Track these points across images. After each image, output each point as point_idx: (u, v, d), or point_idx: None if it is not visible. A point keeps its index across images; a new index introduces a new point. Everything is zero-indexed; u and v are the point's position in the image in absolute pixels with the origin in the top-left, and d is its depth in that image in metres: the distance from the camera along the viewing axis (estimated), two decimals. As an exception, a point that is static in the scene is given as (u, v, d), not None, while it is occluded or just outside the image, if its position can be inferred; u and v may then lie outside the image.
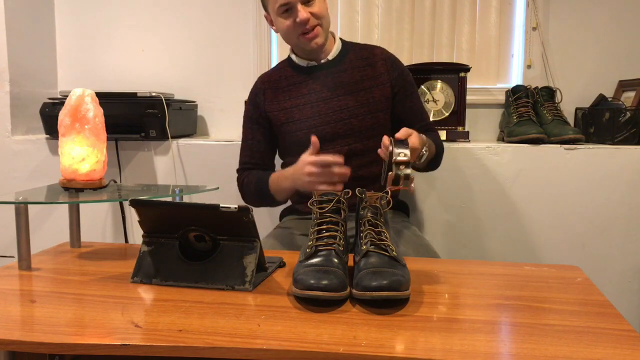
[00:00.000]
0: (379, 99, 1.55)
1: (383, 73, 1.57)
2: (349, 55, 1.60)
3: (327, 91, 1.56)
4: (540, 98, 2.03)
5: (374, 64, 1.58)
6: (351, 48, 1.62)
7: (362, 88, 1.55)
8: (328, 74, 1.57)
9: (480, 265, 1.23)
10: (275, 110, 1.59)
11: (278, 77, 1.63)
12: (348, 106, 1.54)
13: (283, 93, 1.60)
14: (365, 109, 1.54)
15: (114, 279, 1.12)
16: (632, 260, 1.86)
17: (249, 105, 1.65)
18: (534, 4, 2.11)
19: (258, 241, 1.08)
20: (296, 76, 1.60)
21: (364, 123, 1.54)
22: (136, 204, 1.07)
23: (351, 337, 0.84)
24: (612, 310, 0.95)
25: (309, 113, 1.55)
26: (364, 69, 1.57)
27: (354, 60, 1.59)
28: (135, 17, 2.32)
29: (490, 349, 0.80)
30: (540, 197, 1.88)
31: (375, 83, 1.56)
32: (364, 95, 1.55)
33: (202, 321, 0.89)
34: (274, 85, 1.62)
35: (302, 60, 1.60)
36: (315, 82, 1.57)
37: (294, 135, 1.56)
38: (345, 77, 1.56)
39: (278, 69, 1.66)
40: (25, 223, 1.19)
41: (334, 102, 1.55)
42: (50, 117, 1.99)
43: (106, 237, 2.10)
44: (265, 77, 1.66)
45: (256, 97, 1.63)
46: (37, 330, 0.86)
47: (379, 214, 1.07)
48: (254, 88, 1.66)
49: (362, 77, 1.56)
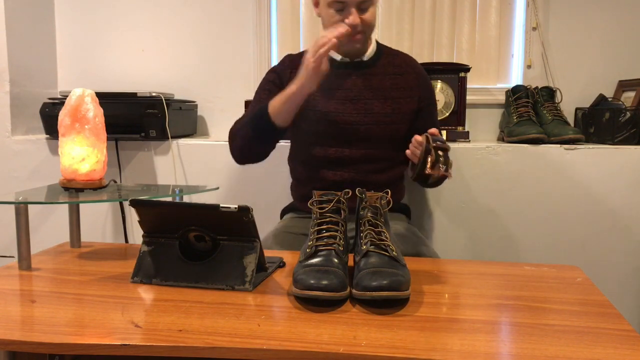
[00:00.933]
0: (405, 110, 1.54)
1: (414, 87, 1.56)
2: (382, 60, 1.58)
3: (356, 91, 1.54)
4: (540, 98, 2.03)
5: (405, 75, 1.57)
6: (384, 52, 1.60)
7: (390, 96, 1.54)
8: (359, 74, 1.55)
9: (480, 265, 1.23)
10: None
11: None
12: (373, 111, 1.52)
13: None
14: (389, 118, 1.53)
15: (114, 279, 1.12)
16: (632, 260, 1.86)
17: (273, 73, 1.61)
18: (534, 4, 2.11)
19: (258, 241, 1.08)
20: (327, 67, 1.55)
21: (384, 132, 1.53)
22: (136, 204, 1.07)
23: (351, 337, 0.84)
24: (612, 310, 0.95)
25: (332, 107, 1.53)
26: (394, 77, 1.56)
27: (387, 66, 1.57)
28: (135, 17, 2.32)
29: (490, 349, 0.80)
30: (540, 197, 1.87)
31: (404, 94, 1.55)
32: (391, 104, 1.53)
33: (202, 321, 0.89)
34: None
35: (335, 54, 1.56)
36: (345, 79, 1.55)
37: (313, 124, 1.53)
38: (376, 82, 1.55)
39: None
40: (25, 223, 1.19)
41: (360, 104, 1.53)
42: (50, 117, 1.99)
43: (106, 237, 2.10)
44: (296, 60, 1.58)
45: (284, 71, 1.59)
46: (37, 330, 0.86)
47: (379, 214, 1.07)
48: (280, 63, 1.63)
49: (391, 85, 1.55)
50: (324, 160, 1.54)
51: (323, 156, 1.54)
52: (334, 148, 1.53)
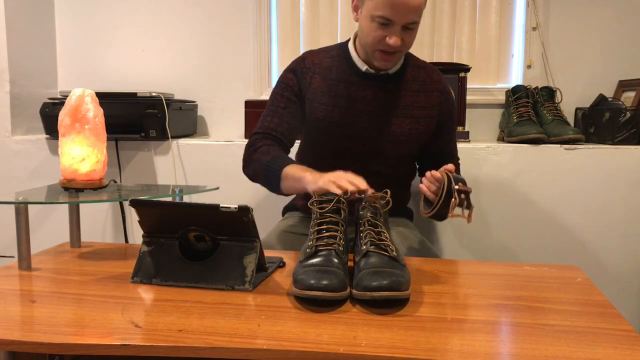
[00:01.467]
0: (422, 131, 1.48)
1: (435, 106, 1.49)
2: (407, 73, 1.49)
3: (376, 106, 1.46)
4: (540, 98, 2.03)
5: (429, 93, 1.49)
6: (411, 64, 1.52)
7: (409, 115, 1.47)
8: (382, 87, 1.47)
9: (480, 265, 1.23)
10: (316, 102, 1.47)
11: (329, 66, 1.49)
12: (389, 130, 1.46)
13: (330, 87, 1.47)
14: (405, 137, 1.47)
15: (114, 279, 1.12)
16: (632, 260, 1.86)
17: (292, 75, 1.50)
18: (534, 4, 2.11)
19: (258, 241, 1.08)
20: (349, 74, 1.47)
21: (398, 150, 1.47)
22: (136, 204, 1.07)
23: (351, 337, 0.84)
24: (612, 310, 0.95)
25: (349, 120, 1.46)
26: (417, 95, 1.48)
27: (410, 82, 1.49)
28: (135, 17, 2.32)
29: (490, 349, 0.80)
30: (540, 197, 1.87)
31: (423, 114, 1.48)
32: (409, 124, 1.47)
33: (202, 321, 0.89)
34: (325, 73, 1.48)
35: (361, 63, 1.47)
36: (366, 91, 1.46)
37: (324, 134, 1.48)
38: (397, 99, 1.47)
39: (330, 56, 1.51)
40: (25, 223, 1.19)
41: (378, 120, 1.46)
42: (50, 117, 1.99)
43: (106, 237, 2.10)
44: (317, 59, 1.50)
45: (302, 75, 1.48)
46: (37, 330, 0.86)
47: (378, 214, 1.07)
48: (301, 63, 1.50)
49: (412, 103, 1.47)
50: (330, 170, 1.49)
51: (330, 166, 1.43)
52: (343, 161, 1.42)
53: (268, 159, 1.39)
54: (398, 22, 1.33)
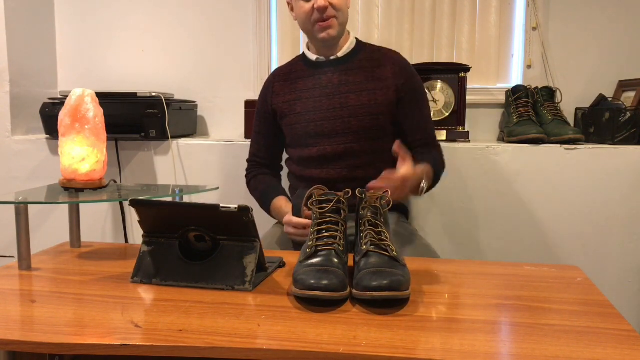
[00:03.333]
0: (381, 102, 1.54)
1: (389, 77, 1.55)
2: (360, 55, 1.59)
3: (331, 87, 1.56)
4: (540, 98, 2.03)
5: (382, 66, 1.57)
6: (364, 49, 1.62)
7: (365, 89, 1.54)
8: (335, 70, 1.58)
9: (480, 265, 1.23)
10: (280, 102, 1.62)
11: (289, 71, 1.65)
12: (349, 105, 1.54)
13: (290, 85, 1.62)
14: (365, 110, 1.53)
15: (114, 279, 1.12)
16: (632, 260, 1.86)
17: (260, 99, 1.69)
18: (534, 4, 2.11)
19: (258, 241, 1.08)
20: (305, 70, 1.62)
21: (363, 124, 1.53)
22: (136, 204, 1.07)
23: (351, 337, 0.84)
24: (612, 310, 0.95)
25: (310, 107, 1.56)
26: (371, 70, 1.56)
27: (364, 61, 1.58)
28: (135, 17, 2.32)
29: (490, 349, 0.80)
30: (540, 197, 1.88)
31: (379, 85, 1.55)
32: (366, 96, 1.54)
33: (202, 321, 0.89)
34: (284, 78, 1.64)
35: (312, 55, 1.61)
36: (321, 77, 1.58)
37: (294, 128, 1.58)
38: (351, 76, 1.56)
39: (291, 63, 1.69)
40: (25, 223, 1.19)
41: (335, 99, 1.55)
42: (50, 117, 1.99)
43: (106, 237, 2.10)
44: (278, 71, 1.69)
45: (266, 90, 1.67)
46: (37, 330, 0.86)
47: (379, 214, 1.07)
48: (266, 82, 1.69)
49: (367, 77, 1.56)
50: (310, 159, 1.57)
51: (308, 156, 1.57)
52: (317, 147, 1.55)
53: (258, 195, 1.66)
54: None
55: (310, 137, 1.56)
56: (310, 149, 1.56)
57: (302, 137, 1.57)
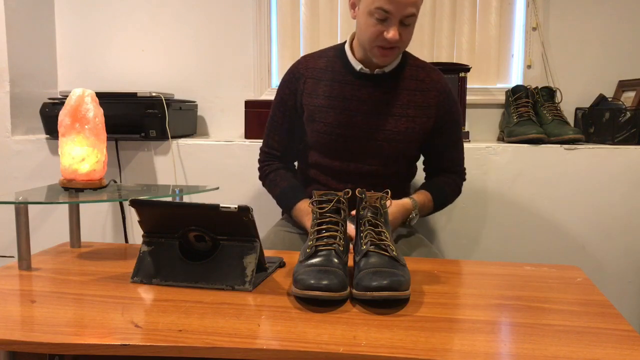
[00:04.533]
0: (418, 130, 1.46)
1: (432, 105, 1.47)
2: (405, 72, 1.48)
3: (371, 105, 1.45)
4: (540, 98, 2.03)
5: (426, 92, 1.47)
6: (409, 63, 1.51)
7: (405, 114, 1.45)
8: (377, 87, 1.46)
9: (480, 265, 1.23)
10: (311, 104, 1.49)
11: (324, 67, 1.50)
12: (385, 129, 1.45)
13: (324, 87, 1.48)
14: (401, 136, 1.45)
15: (114, 279, 1.12)
16: (632, 261, 1.86)
17: (285, 88, 1.53)
18: (534, 4, 2.11)
19: (258, 241, 1.08)
20: (344, 74, 1.48)
21: (394, 149, 1.46)
22: (136, 204, 1.07)
23: (351, 337, 0.84)
24: (612, 310, 0.95)
25: (344, 120, 1.46)
26: (414, 94, 1.46)
27: (407, 80, 1.48)
28: (135, 17, 2.32)
29: (490, 349, 0.80)
30: (540, 197, 1.88)
31: (420, 114, 1.46)
32: (405, 123, 1.45)
33: (202, 321, 0.89)
34: (318, 75, 1.49)
35: (356, 62, 1.47)
36: (361, 90, 1.46)
37: (321, 136, 1.48)
38: (392, 97, 1.46)
39: (327, 57, 1.52)
40: (25, 223, 1.19)
41: (372, 120, 1.45)
42: (50, 117, 1.99)
43: (106, 237, 2.10)
44: (311, 63, 1.52)
45: (296, 83, 1.51)
46: (37, 330, 0.86)
47: (379, 214, 1.07)
48: (294, 71, 1.53)
49: (409, 102, 1.46)
50: (329, 170, 1.50)
51: (328, 166, 1.50)
52: (340, 161, 1.48)
53: (278, 191, 1.54)
54: (396, 15, 1.33)
55: (337, 150, 1.48)
56: (333, 161, 1.48)
57: (328, 148, 1.48)
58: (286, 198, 1.52)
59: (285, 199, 1.53)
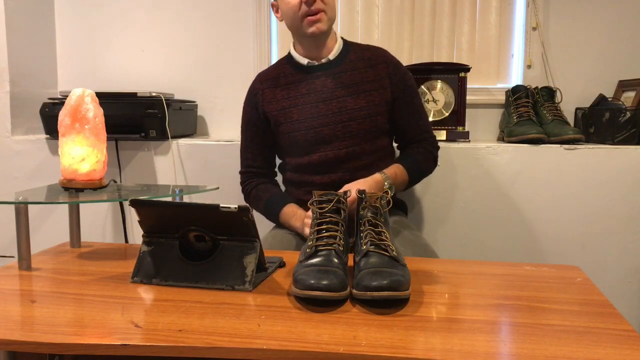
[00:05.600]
0: (378, 102, 1.53)
1: (384, 76, 1.55)
2: (350, 56, 1.57)
3: (327, 92, 1.54)
4: (540, 98, 2.03)
5: (375, 66, 1.56)
6: (353, 48, 1.60)
7: (362, 90, 1.53)
8: (328, 74, 1.55)
9: (480, 265, 1.23)
10: (273, 110, 1.58)
11: (277, 75, 1.61)
12: (347, 108, 1.52)
13: (281, 92, 1.58)
14: (364, 112, 1.52)
15: (114, 279, 1.12)
16: (632, 260, 1.86)
17: (247, 107, 1.64)
18: (534, 4, 2.11)
19: (258, 241, 1.08)
20: (295, 74, 1.58)
21: (362, 126, 1.52)
22: (136, 204, 1.07)
23: (351, 337, 0.84)
24: (612, 310, 0.95)
25: (307, 114, 1.54)
26: (364, 71, 1.55)
27: (355, 61, 1.56)
28: (135, 17, 2.32)
29: (490, 349, 0.80)
30: (540, 197, 1.87)
31: (375, 86, 1.54)
32: (364, 98, 1.53)
33: (202, 321, 0.89)
34: (273, 84, 1.60)
35: (302, 58, 1.58)
36: (314, 82, 1.55)
37: (292, 136, 1.55)
38: (346, 78, 1.54)
39: (276, 66, 1.64)
40: (25, 223, 1.19)
41: (333, 104, 1.53)
42: (50, 117, 1.99)
43: (106, 237, 2.10)
44: (264, 76, 1.64)
45: (254, 97, 1.62)
46: (37, 330, 0.86)
47: (379, 214, 1.07)
48: (251, 88, 1.64)
49: (362, 79, 1.54)
50: (310, 166, 1.55)
51: (308, 162, 1.54)
52: (317, 153, 1.53)
53: (262, 206, 1.60)
54: None
55: (310, 144, 1.53)
56: (311, 155, 1.54)
57: (301, 144, 1.54)
58: (271, 207, 1.58)
59: (270, 208, 1.58)
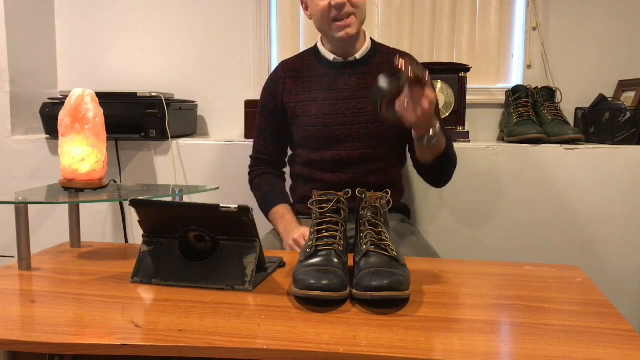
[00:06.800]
0: None
1: None
2: (377, 58, 1.55)
3: (349, 91, 1.52)
4: (540, 98, 2.03)
5: None
6: (380, 50, 1.58)
7: None
8: (352, 73, 1.53)
9: (480, 265, 1.23)
10: (292, 101, 1.56)
11: (300, 66, 1.58)
12: (367, 110, 1.50)
13: (303, 84, 1.56)
14: None
15: (114, 279, 1.12)
16: (632, 260, 1.86)
17: (266, 93, 1.62)
18: (534, 4, 2.11)
19: (258, 241, 1.08)
20: (319, 68, 1.56)
21: (380, 130, 1.50)
22: (136, 204, 1.07)
23: (351, 337, 0.84)
24: (612, 310, 0.95)
25: (326, 110, 1.52)
26: None
27: (381, 64, 1.54)
28: (135, 17, 2.32)
29: (490, 349, 0.80)
30: (540, 197, 1.87)
31: None
32: None
33: (202, 321, 0.89)
34: (295, 75, 1.57)
35: (328, 54, 1.55)
36: (338, 79, 1.53)
37: (307, 130, 1.53)
38: (369, 80, 1.51)
39: (301, 57, 1.62)
40: (25, 223, 1.19)
41: (353, 104, 1.51)
42: (50, 117, 1.99)
43: (106, 237, 2.10)
44: (287, 65, 1.61)
45: (275, 85, 1.59)
46: (37, 330, 0.86)
47: (379, 214, 1.07)
48: (273, 75, 1.62)
49: None
50: (321, 162, 1.54)
51: (320, 159, 1.53)
52: (330, 151, 1.52)
53: (259, 197, 1.61)
54: None
55: (325, 141, 1.52)
56: (324, 152, 1.52)
57: (316, 140, 1.53)
58: (265, 202, 1.59)
59: (264, 202, 1.59)
